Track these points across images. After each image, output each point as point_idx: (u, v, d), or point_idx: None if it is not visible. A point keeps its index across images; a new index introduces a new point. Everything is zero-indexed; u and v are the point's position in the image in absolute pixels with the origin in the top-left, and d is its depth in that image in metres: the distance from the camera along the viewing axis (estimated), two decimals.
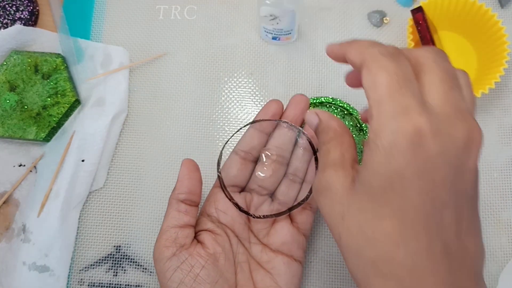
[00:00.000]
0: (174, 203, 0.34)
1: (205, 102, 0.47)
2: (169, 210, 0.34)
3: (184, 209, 0.34)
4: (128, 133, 0.46)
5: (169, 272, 0.31)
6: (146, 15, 0.49)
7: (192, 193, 0.34)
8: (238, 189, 0.37)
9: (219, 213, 0.35)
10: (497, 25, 0.43)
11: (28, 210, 0.43)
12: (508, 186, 0.43)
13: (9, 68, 0.45)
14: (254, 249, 0.35)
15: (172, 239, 0.33)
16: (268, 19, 0.43)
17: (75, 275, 0.42)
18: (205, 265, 0.32)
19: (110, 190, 0.44)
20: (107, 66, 0.47)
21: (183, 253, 0.32)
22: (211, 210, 0.36)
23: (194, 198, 0.35)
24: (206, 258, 0.32)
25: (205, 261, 0.32)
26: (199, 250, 0.33)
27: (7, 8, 0.48)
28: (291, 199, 0.37)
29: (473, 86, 0.44)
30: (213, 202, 0.36)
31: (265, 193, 0.37)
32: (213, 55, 0.48)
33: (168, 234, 0.33)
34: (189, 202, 0.34)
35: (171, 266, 0.32)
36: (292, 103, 0.36)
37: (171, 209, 0.34)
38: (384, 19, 0.48)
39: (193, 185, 0.35)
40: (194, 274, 0.31)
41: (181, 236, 0.33)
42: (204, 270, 0.31)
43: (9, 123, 0.44)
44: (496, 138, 0.45)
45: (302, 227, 0.36)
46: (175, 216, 0.33)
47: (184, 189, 0.34)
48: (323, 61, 0.47)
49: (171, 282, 0.31)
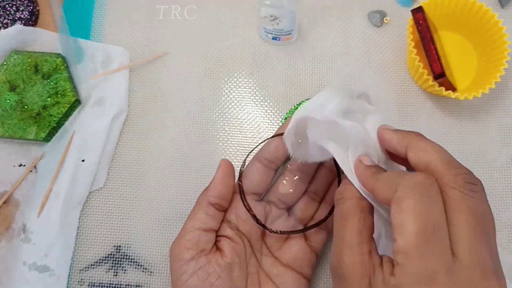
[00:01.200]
0: (204, 204, 0.33)
1: (205, 102, 0.47)
2: (197, 211, 0.33)
3: (212, 213, 0.33)
4: (128, 133, 0.46)
5: (185, 276, 0.31)
6: (146, 15, 0.49)
7: (223, 199, 0.34)
8: (258, 196, 0.37)
9: (240, 221, 0.35)
10: (497, 25, 0.43)
11: (28, 210, 0.43)
12: (508, 186, 0.43)
13: (9, 68, 0.45)
14: (265, 261, 0.35)
15: (194, 241, 0.32)
16: (268, 19, 0.43)
17: (75, 275, 0.42)
18: (221, 275, 0.31)
19: (110, 190, 0.44)
20: (107, 66, 0.47)
21: (202, 258, 0.32)
22: (232, 217, 0.35)
23: (224, 204, 0.34)
24: (223, 267, 0.32)
25: (222, 271, 0.32)
26: (218, 258, 0.32)
27: (7, 8, 0.48)
28: (308, 217, 0.37)
29: (473, 86, 0.44)
30: (234, 209, 0.35)
31: (284, 207, 0.37)
32: (213, 55, 0.48)
33: (191, 235, 0.32)
34: (219, 207, 0.34)
35: (188, 270, 0.31)
36: None
37: (199, 210, 0.33)
38: (384, 19, 0.48)
39: (226, 190, 0.34)
40: (210, 283, 0.31)
41: (203, 240, 0.32)
42: (219, 280, 0.31)
43: (9, 123, 0.44)
44: (496, 138, 0.45)
45: (315, 246, 0.36)
46: (202, 219, 0.33)
47: (216, 193, 0.34)
48: (323, 61, 0.47)
49: (185, 286, 0.31)
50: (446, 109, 0.46)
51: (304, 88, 0.47)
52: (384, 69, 0.47)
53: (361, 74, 0.47)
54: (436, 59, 0.40)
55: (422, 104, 0.46)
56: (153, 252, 0.43)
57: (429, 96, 0.46)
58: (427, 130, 0.45)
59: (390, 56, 0.47)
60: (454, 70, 0.46)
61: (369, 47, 0.48)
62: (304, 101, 0.45)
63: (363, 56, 0.47)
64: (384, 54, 0.47)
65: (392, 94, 0.46)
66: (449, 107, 0.46)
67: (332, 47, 0.48)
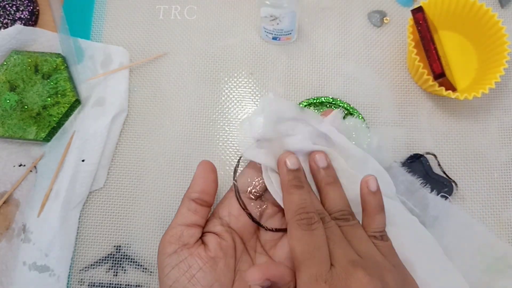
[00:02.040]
0: (186, 201, 0.34)
1: (205, 102, 0.47)
2: (180, 208, 0.35)
3: (194, 209, 0.34)
4: (128, 133, 0.46)
5: (167, 268, 0.32)
6: (146, 15, 0.49)
7: (205, 193, 0.35)
8: (255, 195, 0.37)
9: (231, 218, 0.35)
10: (497, 25, 0.43)
11: (28, 210, 0.43)
12: (508, 186, 0.43)
13: (9, 68, 0.45)
14: (259, 259, 0.35)
15: (177, 236, 0.33)
16: (268, 19, 0.43)
17: (75, 275, 0.42)
18: (203, 267, 0.32)
19: (110, 190, 0.44)
20: (107, 66, 0.47)
21: (184, 251, 0.32)
22: (224, 213, 0.35)
23: (207, 198, 0.35)
24: (206, 260, 0.32)
25: (204, 263, 0.32)
26: (200, 251, 0.33)
27: (7, 8, 0.48)
28: None
29: (473, 86, 0.44)
30: (227, 206, 0.36)
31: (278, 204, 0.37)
32: (213, 55, 0.48)
33: (174, 231, 0.33)
34: (201, 201, 0.34)
35: (170, 262, 0.32)
36: None
37: (182, 207, 0.34)
38: (384, 19, 0.48)
39: (207, 185, 0.35)
40: (190, 274, 0.31)
41: (186, 234, 0.33)
42: (200, 272, 0.32)
43: (9, 123, 0.44)
44: (496, 138, 0.45)
45: None
46: (184, 214, 0.34)
47: (197, 188, 0.35)
48: (323, 61, 0.47)
49: (167, 278, 0.32)
50: (446, 109, 0.46)
51: (304, 88, 0.47)
52: (384, 69, 0.47)
53: (361, 74, 0.47)
54: (436, 59, 0.40)
55: (422, 104, 0.46)
56: (153, 252, 0.43)
57: (429, 96, 0.46)
58: (427, 130, 0.45)
59: (390, 56, 0.47)
60: (454, 70, 0.46)
61: (369, 47, 0.48)
62: (304, 102, 0.45)
63: (363, 56, 0.47)
64: (384, 54, 0.47)
65: (392, 94, 0.46)
66: (449, 107, 0.46)
67: (332, 47, 0.48)
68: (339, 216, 0.33)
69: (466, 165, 0.44)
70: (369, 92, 0.46)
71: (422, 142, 0.45)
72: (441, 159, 0.44)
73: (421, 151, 0.44)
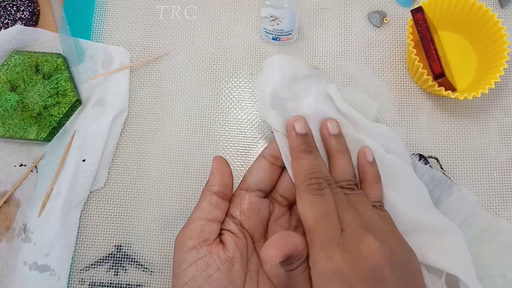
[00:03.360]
0: (207, 194, 0.34)
1: (205, 102, 0.47)
2: (201, 201, 0.34)
3: (216, 202, 0.34)
4: (128, 133, 0.46)
5: (184, 264, 0.31)
6: (146, 15, 0.49)
7: (225, 186, 0.34)
8: (263, 194, 0.36)
9: (243, 217, 0.35)
10: (497, 25, 0.43)
11: (29, 209, 0.43)
12: (508, 186, 0.44)
13: (10, 68, 0.45)
14: None
15: (197, 231, 0.32)
16: (268, 20, 0.43)
17: (76, 274, 0.42)
18: (221, 268, 0.31)
19: (111, 190, 0.44)
20: (108, 66, 0.47)
21: (203, 248, 0.32)
22: (236, 212, 0.35)
23: (227, 191, 0.34)
24: (224, 260, 0.32)
25: (222, 264, 0.32)
26: (219, 250, 0.32)
27: (8, 8, 0.48)
28: None
29: (472, 86, 0.44)
30: (238, 205, 0.35)
31: (286, 203, 0.37)
32: (213, 55, 0.48)
33: (195, 225, 0.33)
34: (222, 195, 0.34)
35: (189, 258, 0.31)
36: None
37: (203, 201, 0.34)
38: (384, 19, 0.48)
39: (226, 178, 0.34)
40: (208, 274, 0.31)
41: (207, 230, 0.33)
42: (217, 273, 0.31)
43: (10, 123, 0.44)
44: (496, 138, 0.45)
45: None
46: (205, 208, 0.33)
47: (217, 181, 0.34)
48: (323, 61, 0.47)
49: (183, 274, 0.31)
50: (446, 109, 0.46)
51: None
52: (384, 69, 0.47)
53: (361, 74, 0.47)
54: (435, 59, 0.41)
55: (422, 104, 0.46)
56: (153, 251, 0.43)
57: (429, 96, 0.46)
58: (426, 130, 0.45)
59: (390, 56, 0.47)
60: (454, 70, 0.46)
61: (369, 47, 0.48)
62: None
63: (363, 56, 0.47)
64: (384, 54, 0.47)
65: (392, 94, 0.46)
66: (448, 107, 0.46)
67: (332, 47, 0.48)
68: (346, 185, 0.34)
69: (465, 165, 0.44)
70: (369, 92, 0.46)
71: (422, 142, 0.45)
72: (440, 159, 0.44)
73: (420, 151, 0.44)
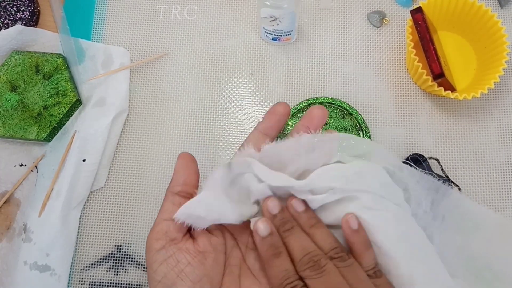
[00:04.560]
0: (169, 195, 0.34)
1: (205, 102, 0.47)
2: (163, 203, 0.34)
3: (178, 202, 0.33)
4: (128, 133, 0.46)
5: (155, 264, 0.32)
6: (146, 15, 0.49)
7: (188, 185, 0.34)
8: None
9: None
10: (496, 25, 0.43)
11: (29, 209, 0.43)
12: (507, 186, 0.44)
13: (10, 68, 0.46)
14: (250, 255, 0.35)
15: (163, 232, 0.33)
16: (268, 20, 0.43)
17: (76, 274, 0.42)
18: (191, 261, 0.32)
19: (111, 190, 0.44)
20: (108, 66, 0.47)
21: (171, 247, 0.32)
22: None
23: (190, 190, 0.34)
24: (194, 254, 0.32)
25: (192, 258, 0.32)
26: (189, 246, 0.33)
27: (8, 8, 0.48)
28: None
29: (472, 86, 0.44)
30: None
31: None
32: (213, 55, 0.48)
33: (160, 227, 0.33)
34: (185, 194, 0.34)
35: (158, 258, 0.32)
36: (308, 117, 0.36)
37: (165, 202, 0.34)
38: (384, 19, 0.48)
39: (189, 176, 0.34)
40: (179, 269, 0.31)
41: (172, 229, 0.33)
42: (189, 267, 0.32)
43: (10, 123, 0.44)
44: (496, 138, 0.45)
45: None
46: (168, 209, 0.33)
47: (179, 181, 0.34)
48: (323, 61, 0.47)
49: (156, 274, 0.31)
50: (445, 109, 0.46)
51: (303, 88, 0.47)
52: (383, 69, 0.47)
53: (360, 74, 0.47)
54: (435, 59, 0.41)
55: (421, 104, 0.46)
56: None
57: (429, 96, 0.46)
58: (426, 130, 0.45)
59: (390, 56, 0.47)
60: (454, 70, 0.46)
61: (369, 48, 0.48)
62: (304, 102, 0.45)
63: (362, 57, 0.47)
64: (383, 55, 0.47)
65: (392, 94, 0.46)
66: (448, 107, 0.46)
67: (331, 47, 0.48)
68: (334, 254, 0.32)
69: (465, 165, 0.44)
70: (369, 92, 0.46)
71: (421, 142, 0.45)
72: (440, 159, 0.44)
73: (420, 151, 0.44)
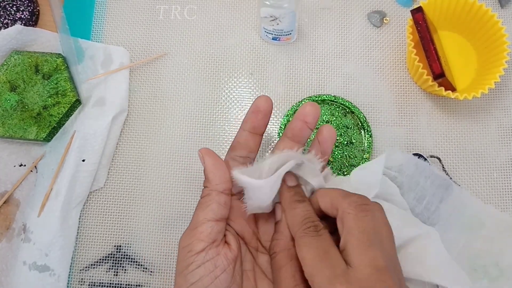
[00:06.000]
0: (214, 195, 0.33)
1: (205, 102, 0.47)
2: (207, 202, 0.33)
3: (224, 201, 0.33)
4: (128, 133, 0.46)
5: (193, 266, 0.31)
6: (146, 15, 0.49)
7: (227, 181, 0.33)
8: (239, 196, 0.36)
9: (230, 221, 0.35)
10: (497, 25, 0.43)
11: (29, 209, 0.43)
12: (507, 186, 0.44)
13: (10, 68, 0.45)
14: (261, 258, 0.35)
15: (207, 233, 0.32)
16: (268, 20, 0.43)
17: (75, 274, 0.42)
18: (227, 269, 0.32)
19: (111, 190, 0.44)
20: (108, 66, 0.47)
21: (212, 250, 0.32)
22: None
23: (230, 186, 0.34)
24: (230, 261, 0.32)
25: (228, 265, 0.32)
26: (227, 251, 0.32)
27: (8, 8, 0.48)
28: None
29: (472, 86, 0.44)
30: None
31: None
32: (213, 55, 0.48)
33: (204, 227, 0.32)
34: (228, 191, 0.33)
35: (198, 260, 0.31)
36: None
37: (211, 201, 0.33)
38: (384, 19, 0.48)
39: (226, 173, 0.33)
40: (215, 275, 0.31)
41: (215, 230, 0.32)
42: (224, 274, 0.31)
43: (10, 123, 0.44)
44: (496, 138, 0.45)
45: None
46: (214, 209, 0.32)
47: (220, 179, 0.33)
48: (323, 61, 0.47)
49: (191, 275, 0.31)
50: (446, 109, 0.46)
51: (303, 88, 0.47)
52: (383, 69, 0.47)
53: (360, 74, 0.47)
54: (435, 59, 0.41)
55: (421, 104, 0.46)
56: (153, 251, 0.43)
57: (429, 96, 0.46)
58: (426, 130, 0.45)
59: (390, 56, 0.47)
60: (454, 70, 0.46)
61: (369, 47, 0.48)
62: (306, 99, 0.45)
63: (362, 56, 0.47)
64: (383, 54, 0.47)
65: (392, 94, 0.46)
66: (448, 107, 0.46)
67: (332, 47, 0.48)
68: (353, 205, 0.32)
69: (465, 165, 0.44)
70: (369, 92, 0.46)
71: (422, 142, 0.45)
72: (440, 159, 0.44)
73: (420, 151, 0.44)
